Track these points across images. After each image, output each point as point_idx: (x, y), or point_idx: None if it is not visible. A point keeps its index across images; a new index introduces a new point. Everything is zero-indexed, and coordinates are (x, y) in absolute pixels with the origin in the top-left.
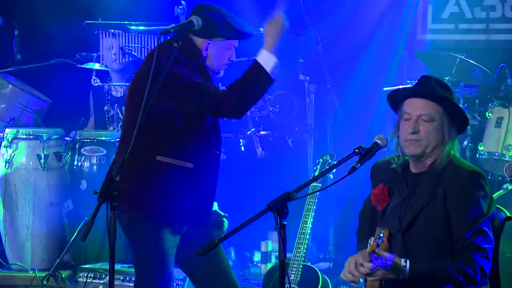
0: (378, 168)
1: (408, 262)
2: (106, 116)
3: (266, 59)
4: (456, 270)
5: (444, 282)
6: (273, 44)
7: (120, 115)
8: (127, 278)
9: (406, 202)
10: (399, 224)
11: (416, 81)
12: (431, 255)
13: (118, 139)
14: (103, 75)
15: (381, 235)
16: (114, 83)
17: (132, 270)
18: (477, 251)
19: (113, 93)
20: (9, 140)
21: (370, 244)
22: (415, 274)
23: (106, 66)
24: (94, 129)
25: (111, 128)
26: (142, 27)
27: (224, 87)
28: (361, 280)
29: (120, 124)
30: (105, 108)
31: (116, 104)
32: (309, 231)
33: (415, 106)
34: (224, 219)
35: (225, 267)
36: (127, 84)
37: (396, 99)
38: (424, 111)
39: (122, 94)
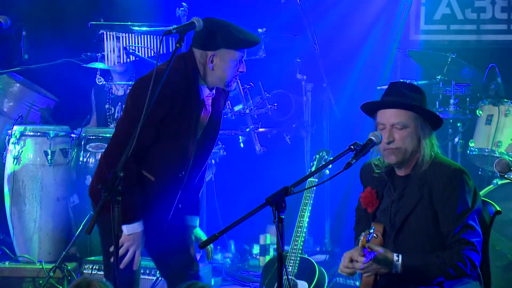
0: (365, 170)
1: (400, 256)
2: (108, 114)
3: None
4: (446, 263)
5: (435, 275)
6: None
7: (120, 114)
8: None
9: (396, 204)
10: (390, 225)
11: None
12: (423, 253)
13: None
14: (107, 74)
15: (372, 230)
16: (116, 82)
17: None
18: (466, 245)
19: (114, 91)
20: (17, 137)
21: (360, 239)
22: (407, 268)
23: (109, 67)
24: (97, 126)
25: (112, 125)
26: (144, 28)
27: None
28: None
29: None
30: (107, 106)
31: (119, 103)
32: (306, 225)
33: (387, 116)
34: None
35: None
36: (129, 83)
37: (370, 110)
38: (396, 120)
39: (123, 93)
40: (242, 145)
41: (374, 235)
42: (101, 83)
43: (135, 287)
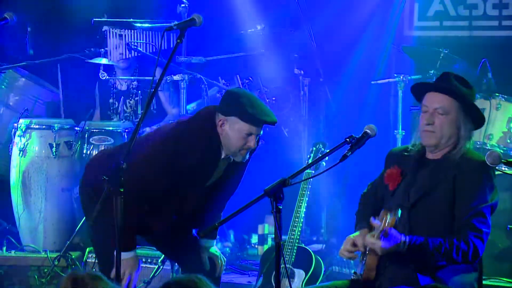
0: (394, 154)
1: (407, 237)
2: (111, 108)
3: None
4: (451, 245)
5: (438, 257)
6: None
7: (125, 108)
8: None
9: (418, 182)
10: (407, 199)
11: (437, 76)
12: (433, 234)
13: (125, 129)
14: (110, 69)
15: (399, 215)
16: (119, 77)
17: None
18: (473, 231)
19: (118, 86)
20: (23, 130)
21: (388, 220)
22: (412, 247)
23: (112, 61)
24: (100, 120)
25: (115, 119)
26: (146, 25)
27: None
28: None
29: (125, 115)
30: (110, 101)
31: (122, 97)
32: (303, 215)
33: (433, 100)
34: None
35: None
36: (134, 78)
37: (418, 92)
38: (439, 104)
39: (126, 88)
40: None
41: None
42: (104, 78)
43: None
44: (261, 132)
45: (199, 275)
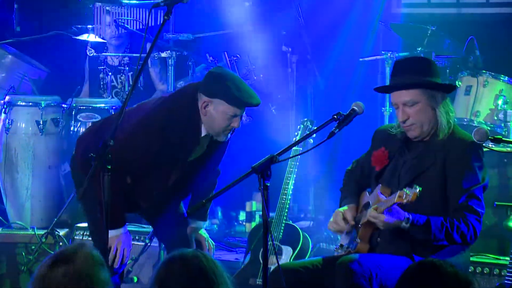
0: (380, 133)
1: (411, 215)
2: (101, 83)
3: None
4: (452, 225)
5: (440, 236)
6: None
7: (115, 83)
8: None
9: (407, 164)
10: (397, 185)
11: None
12: (426, 214)
13: (112, 106)
14: (98, 46)
15: (411, 191)
16: (107, 54)
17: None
18: (471, 213)
19: (109, 62)
20: (9, 107)
21: (410, 195)
22: (415, 224)
23: (103, 38)
24: (89, 95)
25: (105, 95)
26: (134, 1)
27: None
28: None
29: (115, 91)
30: (101, 76)
31: (110, 72)
32: (290, 192)
33: (397, 97)
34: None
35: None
36: (122, 54)
37: (383, 92)
38: (405, 98)
39: (117, 64)
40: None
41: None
42: (91, 55)
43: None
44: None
45: (203, 251)
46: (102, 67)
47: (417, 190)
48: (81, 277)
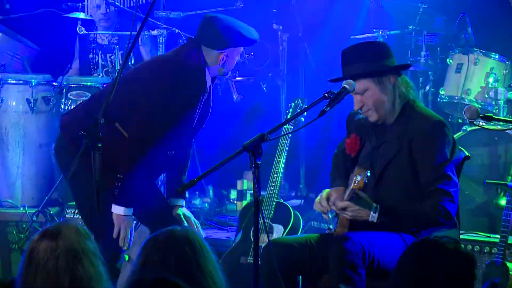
0: (351, 118)
1: (378, 208)
2: (91, 62)
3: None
4: (422, 215)
5: (410, 226)
6: None
7: (104, 63)
8: None
9: (376, 152)
10: (371, 170)
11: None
12: (402, 202)
13: (103, 84)
14: (88, 24)
15: (368, 174)
16: (98, 32)
17: None
18: (444, 196)
19: (99, 41)
20: (0, 85)
21: (357, 180)
22: (383, 219)
23: (90, 16)
24: (79, 74)
25: (95, 74)
26: None
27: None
28: (330, 216)
29: (105, 70)
30: (90, 55)
31: (100, 51)
32: (281, 171)
33: (349, 86)
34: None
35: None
36: (113, 32)
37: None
38: (356, 87)
39: (107, 42)
40: (220, 93)
41: (361, 176)
42: (82, 33)
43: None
44: None
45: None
46: (93, 46)
47: (365, 178)
48: (68, 250)
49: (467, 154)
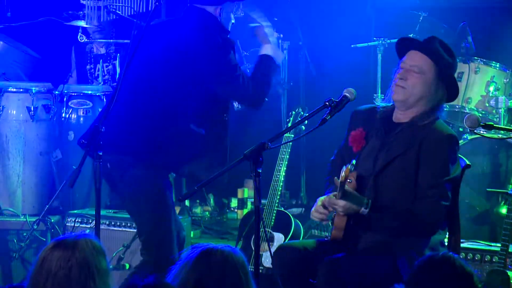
0: (359, 113)
1: (369, 205)
2: (88, 73)
3: (278, 54)
4: (411, 214)
5: (398, 223)
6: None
7: (102, 72)
8: (112, 223)
9: (384, 147)
10: (372, 167)
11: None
12: (397, 199)
13: (104, 93)
14: (89, 32)
15: (354, 162)
16: (98, 40)
17: (117, 215)
18: (436, 206)
19: (95, 51)
20: (0, 93)
21: (343, 170)
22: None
23: (90, 25)
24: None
25: (94, 83)
26: None
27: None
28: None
29: (103, 79)
30: (87, 67)
31: (100, 61)
32: (282, 179)
33: (412, 58)
34: None
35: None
36: (114, 41)
37: (403, 48)
38: (417, 63)
39: (105, 52)
40: None
41: (349, 180)
42: (83, 41)
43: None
44: None
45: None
46: (89, 58)
47: (351, 166)
48: (82, 262)
49: (468, 162)
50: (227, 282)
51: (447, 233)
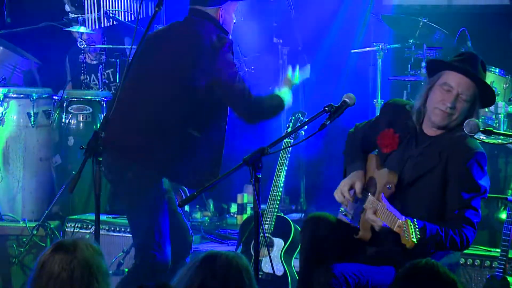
0: (393, 106)
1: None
2: (83, 83)
3: (289, 101)
4: (446, 234)
5: (432, 244)
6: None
7: (96, 82)
8: (112, 228)
9: (412, 160)
10: (400, 178)
11: (460, 57)
12: (424, 215)
13: (103, 98)
14: (89, 37)
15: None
16: (101, 46)
17: (117, 220)
18: (467, 224)
19: (88, 61)
20: (1, 99)
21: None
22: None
23: (92, 30)
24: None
25: (95, 88)
26: None
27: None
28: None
29: (106, 82)
30: (82, 77)
31: (93, 72)
32: (282, 184)
33: (460, 83)
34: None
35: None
36: (114, 46)
37: (440, 67)
38: (467, 91)
39: (97, 62)
40: None
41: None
42: (83, 46)
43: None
44: None
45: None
46: (82, 68)
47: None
48: (84, 263)
49: None
50: (231, 286)
51: None
